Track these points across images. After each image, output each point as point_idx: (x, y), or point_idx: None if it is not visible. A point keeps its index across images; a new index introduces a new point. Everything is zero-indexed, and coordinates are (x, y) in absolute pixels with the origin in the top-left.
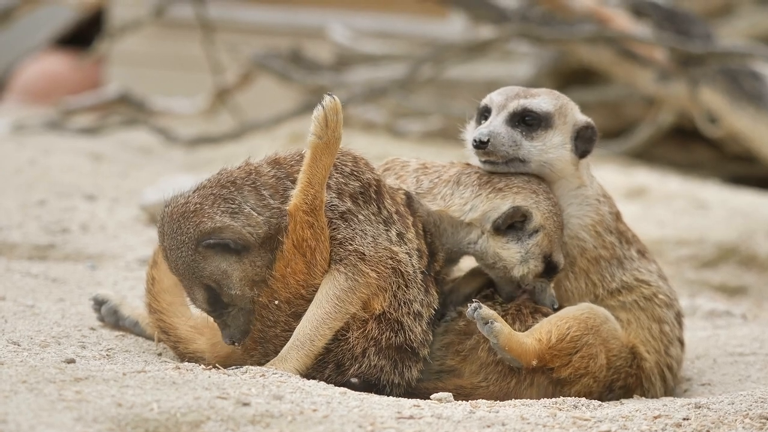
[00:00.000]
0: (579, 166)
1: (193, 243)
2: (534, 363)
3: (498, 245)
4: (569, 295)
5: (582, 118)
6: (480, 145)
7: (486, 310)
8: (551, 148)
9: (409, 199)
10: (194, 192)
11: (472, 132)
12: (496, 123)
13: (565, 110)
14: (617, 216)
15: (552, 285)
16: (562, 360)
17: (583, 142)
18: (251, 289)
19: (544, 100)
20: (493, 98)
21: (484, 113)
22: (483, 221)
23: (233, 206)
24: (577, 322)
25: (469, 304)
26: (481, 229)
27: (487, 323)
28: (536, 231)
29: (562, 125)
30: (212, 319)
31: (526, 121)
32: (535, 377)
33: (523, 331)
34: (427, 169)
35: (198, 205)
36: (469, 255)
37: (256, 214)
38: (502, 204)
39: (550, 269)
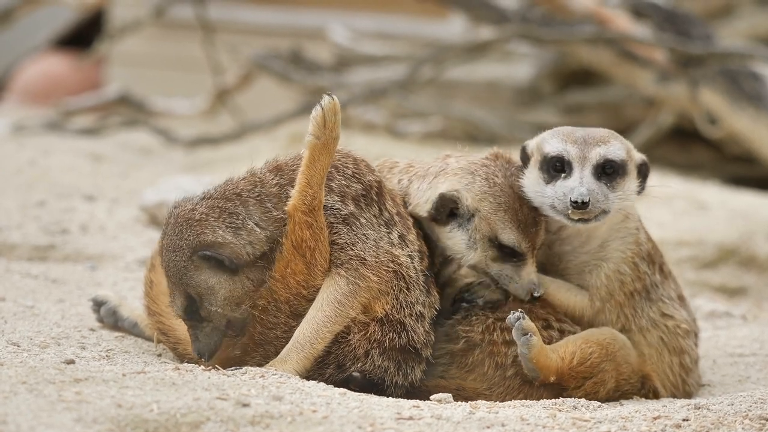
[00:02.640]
0: None
1: (189, 250)
2: (552, 379)
3: (444, 236)
4: (598, 326)
5: (639, 156)
6: (582, 206)
7: (528, 323)
8: (629, 195)
9: None
10: (202, 200)
11: (540, 184)
12: (588, 179)
13: (631, 152)
14: (648, 238)
15: (530, 271)
16: (577, 382)
17: (642, 179)
18: (232, 311)
19: (617, 146)
20: (568, 149)
21: (555, 164)
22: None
23: (237, 221)
24: (599, 347)
25: (513, 312)
26: None
27: (525, 335)
28: (472, 215)
29: (632, 169)
30: (186, 328)
31: (606, 170)
32: (543, 395)
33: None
34: (412, 167)
35: (203, 215)
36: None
37: (259, 230)
38: (436, 191)
39: (508, 253)
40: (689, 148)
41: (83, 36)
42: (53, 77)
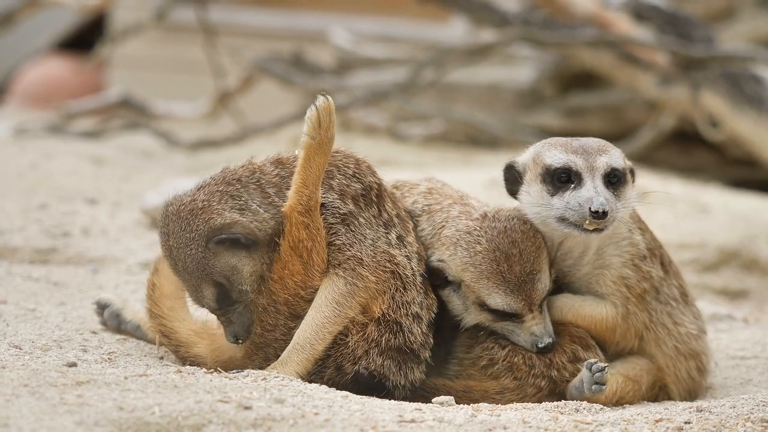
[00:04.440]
0: None
1: (203, 239)
2: None
3: (444, 298)
4: (629, 337)
5: (628, 162)
6: (603, 216)
7: (608, 376)
8: (631, 203)
9: None
10: (199, 190)
11: (544, 197)
12: (601, 189)
13: (625, 159)
14: (643, 231)
15: (530, 325)
16: None
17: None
18: (260, 285)
19: (617, 154)
20: (574, 160)
21: (561, 175)
22: None
23: (240, 202)
24: (633, 385)
25: (597, 362)
26: None
27: (598, 384)
28: (459, 283)
29: (629, 177)
30: (216, 317)
31: (611, 180)
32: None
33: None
34: (430, 194)
35: (206, 202)
36: None
37: (262, 211)
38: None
39: (503, 314)
40: (691, 151)
41: (85, 39)
42: (55, 80)
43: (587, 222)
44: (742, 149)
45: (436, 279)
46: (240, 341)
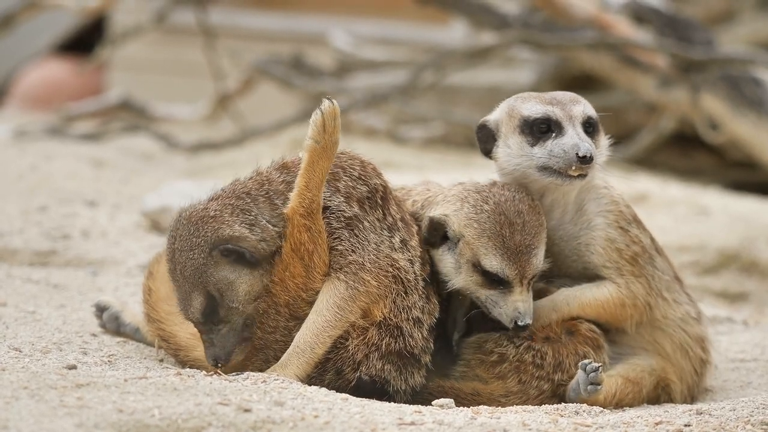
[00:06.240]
0: None
1: (208, 246)
2: None
3: (436, 258)
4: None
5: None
6: (589, 160)
7: (602, 376)
8: (605, 150)
9: None
10: (212, 200)
11: (524, 148)
12: (583, 136)
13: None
14: (625, 201)
15: (517, 299)
16: None
17: None
18: (250, 307)
19: (589, 104)
20: (552, 110)
21: (540, 126)
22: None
23: (250, 217)
24: (634, 387)
25: (591, 361)
26: None
27: (593, 384)
28: (459, 240)
29: (601, 126)
30: (200, 335)
31: (586, 128)
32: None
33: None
34: (428, 190)
35: (218, 212)
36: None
37: (271, 227)
38: (428, 215)
39: (495, 280)
40: (690, 153)
41: (84, 41)
42: (54, 83)
43: (573, 168)
44: (742, 152)
45: (433, 236)
46: (219, 365)
